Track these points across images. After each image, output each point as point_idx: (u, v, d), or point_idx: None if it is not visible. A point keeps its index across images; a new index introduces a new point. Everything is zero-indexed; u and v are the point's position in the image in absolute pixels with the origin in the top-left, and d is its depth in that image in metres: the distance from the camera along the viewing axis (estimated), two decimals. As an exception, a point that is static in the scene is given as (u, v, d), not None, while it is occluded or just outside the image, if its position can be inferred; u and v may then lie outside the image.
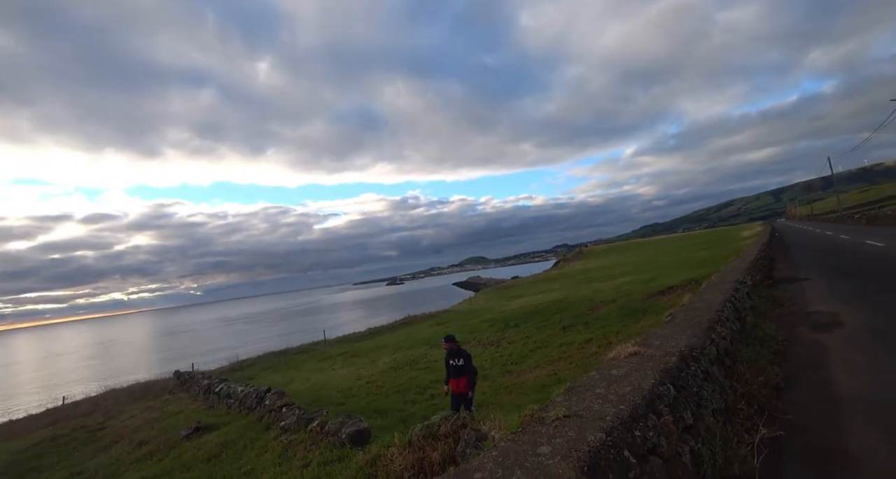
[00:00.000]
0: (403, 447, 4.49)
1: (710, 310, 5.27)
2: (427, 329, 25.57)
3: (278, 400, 9.53)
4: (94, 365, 50.64)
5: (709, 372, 3.56)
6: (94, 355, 68.33)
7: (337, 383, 15.32)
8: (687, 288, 16.79)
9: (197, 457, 8.42)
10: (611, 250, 78.57)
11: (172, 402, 17.19)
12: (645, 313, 14.73)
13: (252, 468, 6.66)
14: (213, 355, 34.38)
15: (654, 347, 3.73)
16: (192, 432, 10.33)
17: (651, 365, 3.12)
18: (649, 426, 2.32)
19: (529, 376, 11.37)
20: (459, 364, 7.25)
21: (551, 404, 2.73)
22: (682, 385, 2.96)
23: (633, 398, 2.50)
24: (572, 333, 15.10)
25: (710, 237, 58.59)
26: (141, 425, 14.09)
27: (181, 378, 20.83)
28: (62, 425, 17.67)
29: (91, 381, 31.94)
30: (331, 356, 22.60)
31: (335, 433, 6.60)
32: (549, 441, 2.14)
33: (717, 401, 3.35)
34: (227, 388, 13.49)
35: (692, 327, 4.44)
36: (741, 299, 6.73)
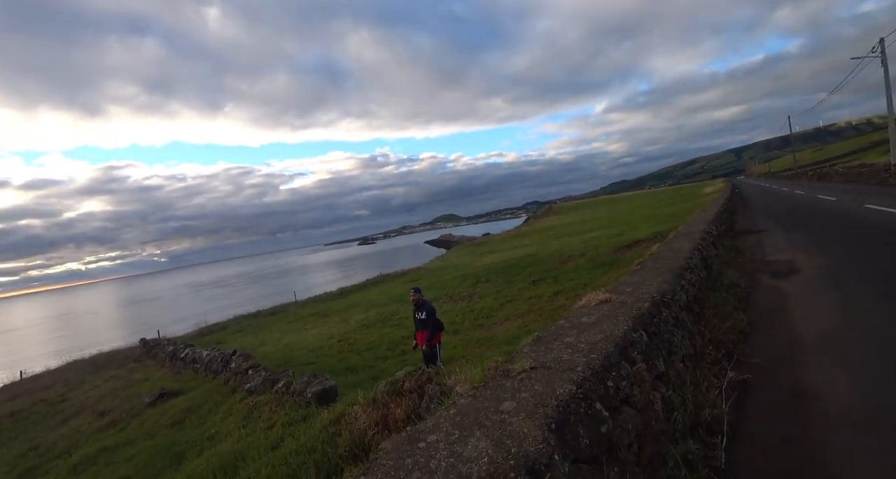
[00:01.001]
0: (367, 405, 4.33)
1: (679, 258, 5.21)
2: (399, 287, 25.54)
3: (244, 363, 9.27)
4: (55, 339, 48.71)
5: (679, 318, 3.46)
6: (54, 328, 65.65)
7: (308, 342, 15.16)
8: (653, 241, 17.17)
9: (160, 423, 8.16)
10: (580, 207, 79.92)
11: (138, 370, 16.68)
12: (613, 265, 15.02)
13: (216, 432, 6.46)
14: (182, 321, 33.52)
15: (625, 294, 3.58)
16: (156, 398, 10.01)
17: (623, 312, 2.96)
18: (622, 375, 2.15)
19: (500, 329, 11.50)
20: (422, 317, 7.16)
21: (517, 355, 2.53)
22: (655, 332, 2.83)
23: (606, 346, 2.32)
24: (542, 286, 15.32)
25: (674, 194, 60.25)
26: (104, 394, 13.64)
27: (147, 346, 20.21)
28: (20, 400, 16.96)
29: (51, 355, 30.73)
30: (302, 317, 22.35)
31: (301, 393, 6.43)
32: (513, 396, 1.93)
33: (686, 347, 3.28)
34: (192, 353, 13.10)
35: (662, 274, 4.34)
36: (708, 248, 6.76)
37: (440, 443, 1.67)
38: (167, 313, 51.23)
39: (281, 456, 4.35)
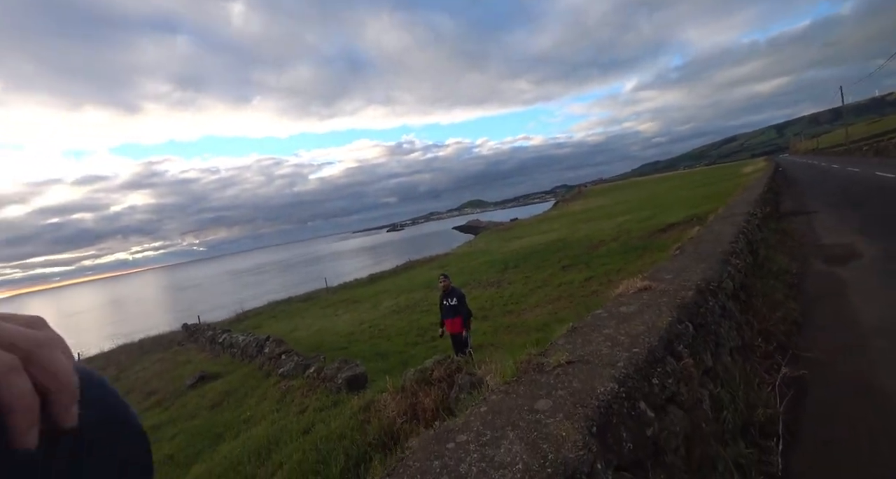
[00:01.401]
0: (396, 393, 4.31)
1: (723, 242, 4.87)
2: (428, 273, 25.63)
3: (277, 348, 9.50)
4: (107, 323, 51.92)
5: (726, 307, 3.21)
6: (106, 314, 70.01)
7: (339, 328, 15.46)
8: (690, 225, 16.46)
9: (201, 405, 8.51)
10: (611, 189, 77.65)
11: (181, 353, 17.50)
12: (646, 250, 14.50)
13: (251, 415, 6.66)
14: (220, 307, 34.92)
15: (665, 281, 3.35)
16: (196, 381, 10.45)
17: (665, 300, 2.75)
18: (668, 372, 1.97)
19: (529, 315, 11.34)
20: (453, 303, 7.11)
21: (552, 347, 2.38)
22: (701, 323, 2.61)
23: (649, 340, 2.14)
24: (572, 272, 14.98)
25: (711, 174, 57.57)
26: (151, 376, 14.39)
27: (189, 330, 21.15)
28: (78, 378, 18.14)
29: (105, 338, 32.72)
30: (333, 303, 22.81)
31: (331, 379, 6.51)
32: (549, 394, 1.80)
33: (734, 339, 3.04)
34: (229, 338, 13.59)
35: (705, 260, 4.05)
36: (753, 232, 6.33)
37: (470, 445, 1.56)
38: (207, 299, 53.57)
39: (312, 441, 4.41)
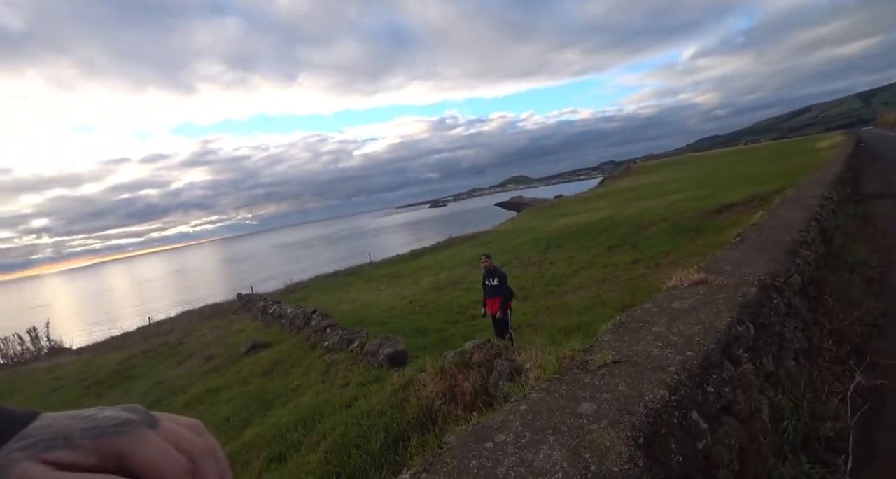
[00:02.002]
0: (436, 374, 4.37)
1: (791, 229, 4.45)
2: (469, 250, 25.65)
3: (323, 321, 9.91)
4: (172, 290, 56.40)
5: (792, 305, 2.94)
6: (172, 281, 75.97)
7: (382, 303, 15.88)
8: (750, 205, 15.32)
9: (253, 372, 9.09)
10: (663, 166, 73.55)
11: (236, 321, 18.71)
12: (699, 232, 13.71)
13: (298, 385, 7.03)
14: (271, 278, 36.82)
15: (724, 273, 3.11)
16: (249, 349, 11.15)
17: (724, 297, 2.55)
18: (725, 379, 1.83)
19: (572, 296, 11.11)
20: (494, 284, 7.08)
21: (597, 343, 2.28)
22: (764, 323, 2.40)
23: (705, 342, 1.98)
24: (618, 253, 14.46)
25: (777, 150, 52.95)
26: (210, 342, 15.52)
27: (243, 300, 22.50)
28: (150, 341, 19.91)
29: (171, 303, 35.57)
30: (376, 278, 23.41)
31: (374, 354, 6.71)
32: (593, 396, 1.71)
33: (800, 340, 2.78)
34: (279, 309, 14.32)
35: (769, 250, 3.72)
36: (827, 217, 5.75)
37: (509, 446, 1.52)
38: (259, 271, 56.65)
39: (354, 416, 4.58)
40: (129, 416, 0.40)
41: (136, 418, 0.40)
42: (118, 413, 0.40)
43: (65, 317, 46.24)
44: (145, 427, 0.40)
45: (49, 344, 22.75)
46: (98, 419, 0.39)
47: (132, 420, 0.40)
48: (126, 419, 0.39)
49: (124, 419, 0.39)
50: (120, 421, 0.39)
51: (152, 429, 0.40)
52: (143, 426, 0.40)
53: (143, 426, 0.40)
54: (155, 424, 0.40)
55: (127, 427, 0.39)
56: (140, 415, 0.40)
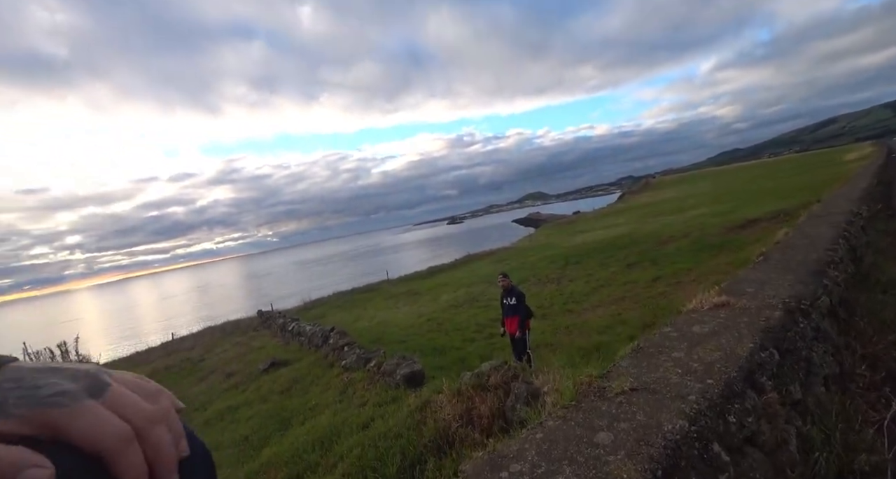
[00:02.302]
0: (453, 395, 4.34)
1: (818, 248, 4.32)
2: (487, 267, 25.55)
3: (340, 339, 9.96)
4: (195, 306, 57.61)
5: (820, 328, 2.84)
6: (195, 297, 77.67)
7: (399, 320, 15.88)
8: (774, 221, 14.93)
9: (272, 390, 9.15)
10: (682, 181, 72.45)
11: (256, 338, 18.93)
12: (721, 249, 13.40)
13: (316, 404, 7.04)
14: (290, 294, 37.27)
15: (746, 295, 3.03)
16: (268, 366, 11.25)
17: (746, 321, 2.49)
18: (747, 409, 1.78)
19: (590, 315, 10.92)
20: (512, 303, 7.02)
21: (615, 369, 2.24)
22: (789, 348, 2.33)
23: (726, 369, 1.94)
24: (638, 270, 14.21)
25: (802, 162, 51.66)
26: (231, 358, 15.71)
27: (263, 317, 22.79)
28: (172, 357, 20.28)
29: (193, 319, 36.30)
30: (394, 295, 23.45)
31: (391, 374, 6.70)
32: (610, 426, 1.69)
33: (830, 365, 2.68)
34: (298, 326, 14.46)
35: (794, 271, 3.62)
36: (856, 234, 5.56)
37: (524, 477, 1.51)
38: (279, 288, 57.44)
39: (371, 437, 4.56)
40: (69, 386, 0.40)
41: (75, 387, 0.40)
42: (61, 382, 0.40)
43: (93, 332, 47.60)
44: (86, 397, 0.40)
45: (77, 358, 23.44)
46: (38, 387, 0.39)
47: (71, 391, 0.40)
48: (65, 390, 0.40)
49: (63, 390, 0.39)
50: (58, 391, 0.39)
51: (95, 398, 0.40)
52: (82, 397, 0.40)
53: (84, 395, 0.40)
54: (100, 392, 0.40)
55: (65, 398, 0.40)
56: (85, 382, 0.40)
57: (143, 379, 0.41)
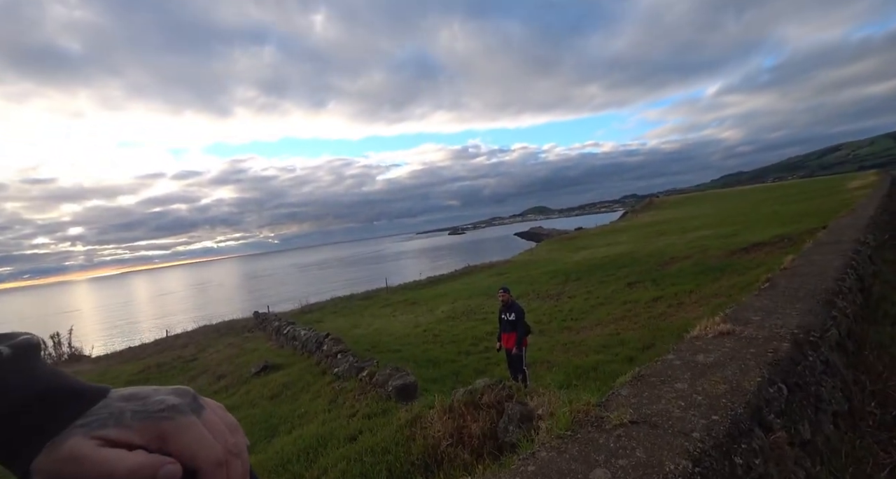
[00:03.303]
0: (444, 412, 4.20)
1: (826, 277, 4.21)
2: (486, 279, 25.43)
3: (334, 346, 9.82)
4: (192, 304, 57.41)
5: (829, 362, 2.73)
6: (192, 295, 77.50)
7: (395, 329, 15.73)
8: (777, 246, 14.82)
9: (262, 394, 8.99)
10: (686, 201, 72.47)
11: (250, 340, 18.76)
12: (724, 272, 13.26)
13: (305, 412, 6.89)
14: (288, 297, 37.13)
15: (752, 324, 2.92)
16: (260, 370, 11.10)
17: (753, 352, 2.38)
18: (755, 449, 1.66)
19: (589, 333, 10.78)
20: (510, 319, 6.88)
21: (614, 397, 2.13)
22: (798, 383, 2.22)
23: (732, 404, 1.83)
24: (639, 289, 14.08)
25: (806, 188, 51.62)
26: (223, 359, 15.54)
27: (258, 319, 22.63)
28: (165, 354, 20.10)
29: (189, 317, 36.12)
30: (392, 303, 23.31)
31: (382, 385, 6.56)
32: (607, 461, 1.57)
33: (838, 401, 2.56)
34: (293, 331, 14.31)
35: (802, 299, 3.51)
36: (864, 264, 5.46)
37: (513, 515, 1.39)
38: (277, 290, 57.30)
39: (357, 451, 4.42)
40: (176, 401, 0.44)
41: (182, 403, 0.43)
42: (167, 398, 0.44)
43: (89, 324, 47.41)
44: (190, 413, 0.43)
45: (70, 350, 23.25)
46: (148, 403, 0.43)
47: (178, 406, 0.43)
48: (173, 405, 0.43)
49: (171, 404, 0.43)
50: (166, 406, 0.43)
51: (196, 416, 0.43)
52: (187, 412, 0.43)
53: (189, 412, 0.43)
54: (199, 411, 0.43)
55: (172, 412, 0.43)
56: (187, 400, 0.44)
57: (224, 410, 0.44)
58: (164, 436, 0.43)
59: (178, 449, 0.43)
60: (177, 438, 0.43)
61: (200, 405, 0.43)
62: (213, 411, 0.44)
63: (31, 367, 0.45)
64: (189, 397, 0.43)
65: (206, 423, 0.43)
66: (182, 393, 0.44)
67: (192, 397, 0.43)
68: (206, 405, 0.44)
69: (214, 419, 0.43)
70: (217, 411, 0.44)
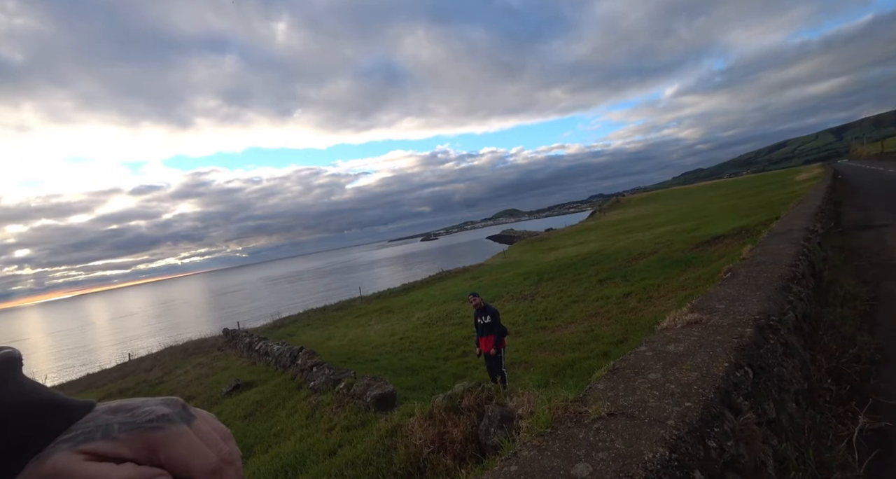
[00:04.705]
0: (424, 419, 4.15)
1: (781, 264, 4.44)
2: (461, 284, 25.47)
3: (309, 359, 9.58)
4: (156, 324, 54.79)
5: (788, 343, 2.86)
6: (156, 315, 73.93)
7: (371, 339, 15.51)
8: (736, 238, 15.53)
9: (234, 414, 8.65)
10: (650, 199, 75.14)
11: (220, 359, 18.06)
12: (689, 264, 13.78)
13: (281, 429, 6.67)
14: (259, 312, 36.04)
15: (718, 312, 3.04)
16: (232, 389, 10.69)
17: (720, 339, 2.47)
18: (726, 432, 1.72)
19: (564, 332, 10.94)
20: (487, 322, 6.88)
21: (591, 392, 2.16)
22: (762, 365, 2.31)
23: (703, 390, 1.88)
24: (610, 286, 14.43)
25: (759, 182, 54.53)
26: (191, 380, 14.89)
27: (228, 336, 21.83)
28: (128, 379, 19.07)
29: (153, 338, 34.44)
30: (367, 313, 23.00)
31: (360, 396, 6.43)
32: (588, 455, 1.59)
33: (798, 381, 2.69)
34: (265, 346, 13.88)
35: (762, 287, 3.68)
36: (814, 250, 5.78)
37: (498, 516, 1.38)
38: (247, 305, 55.47)
39: (337, 465, 4.30)
40: (165, 411, 0.42)
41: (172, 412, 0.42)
42: (156, 408, 0.42)
43: (39, 352, 44.42)
44: (181, 423, 0.42)
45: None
46: (137, 414, 0.42)
47: (168, 415, 0.42)
48: (162, 415, 0.42)
49: (160, 414, 0.42)
50: (156, 416, 0.42)
51: (187, 425, 0.42)
52: (178, 422, 0.42)
53: (179, 421, 0.42)
54: (190, 420, 0.42)
55: (162, 422, 0.42)
56: (177, 409, 0.42)
57: (216, 419, 0.43)
58: (154, 447, 0.42)
59: (169, 460, 0.42)
60: (168, 448, 0.42)
61: (191, 415, 0.42)
62: (205, 420, 0.43)
63: (12, 381, 0.42)
64: (179, 407, 0.42)
65: (197, 432, 0.42)
66: (171, 403, 0.43)
67: (181, 407, 0.42)
68: (197, 414, 0.43)
69: (206, 428, 0.42)
70: (208, 419, 0.43)
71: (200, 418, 0.42)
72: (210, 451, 0.42)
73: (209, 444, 0.42)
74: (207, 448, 0.42)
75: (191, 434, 0.42)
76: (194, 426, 0.42)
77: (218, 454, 0.42)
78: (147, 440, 0.42)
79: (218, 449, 0.42)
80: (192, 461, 0.42)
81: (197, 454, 0.42)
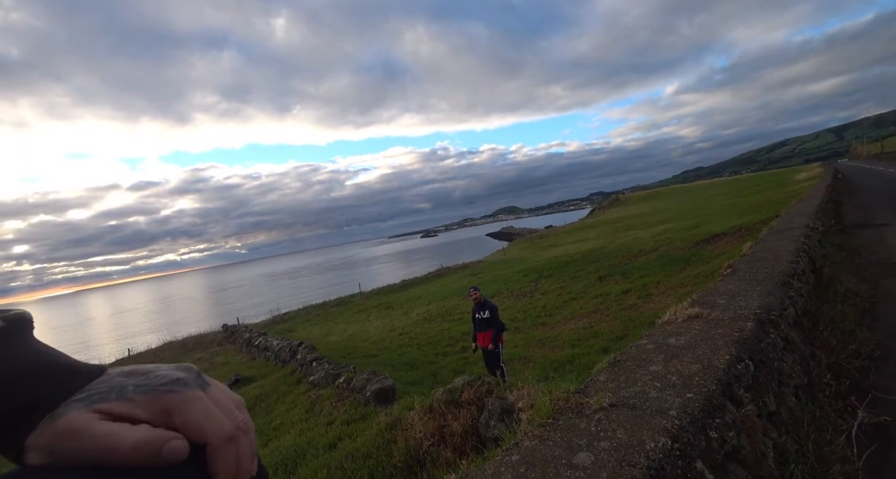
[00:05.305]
0: (424, 412, 4.17)
1: (781, 261, 4.44)
2: (460, 280, 25.50)
3: (309, 354, 9.60)
4: (155, 320, 54.84)
5: (788, 338, 2.87)
6: (155, 310, 74.00)
7: (371, 334, 15.53)
8: (736, 235, 15.54)
9: (234, 409, 8.67)
10: (650, 197, 75.14)
11: (220, 354, 18.10)
12: (689, 262, 13.80)
13: (281, 423, 6.69)
14: (259, 308, 36.07)
15: (718, 307, 3.05)
16: (231, 383, 10.70)
17: (721, 332, 2.47)
18: (728, 423, 1.72)
19: (563, 328, 10.96)
20: (485, 317, 6.89)
21: (592, 383, 2.17)
22: (762, 359, 2.32)
23: (705, 382, 1.89)
24: (609, 283, 14.44)
25: (759, 181, 54.52)
26: (190, 375, 14.92)
27: (228, 331, 21.87)
28: (126, 374, 19.06)
29: (153, 334, 34.46)
30: (366, 309, 23.02)
31: (360, 391, 6.45)
32: (590, 445, 1.59)
33: (798, 375, 2.70)
34: (265, 341, 13.90)
35: (762, 283, 3.69)
36: (814, 248, 5.79)
37: (500, 504, 1.39)
38: (247, 301, 55.53)
39: (337, 458, 4.32)
40: (181, 375, 0.41)
41: (187, 377, 0.41)
42: (171, 372, 0.41)
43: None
44: (196, 388, 0.41)
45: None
46: (151, 377, 0.41)
47: (183, 379, 0.41)
48: (177, 378, 0.41)
49: (176, 378, 0.41)
50: (170, 379, 0.41)
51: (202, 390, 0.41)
52: (194, 387, 0.41)
53: (195, 386, 0.41)
54: (205, 387, 0.41)
55: (178, 386, 0.41)
56: (192, 375, 0.41)
57: (229, 389, 0.42)
58: (169, 410, 0.41)
59: (184, 424, 0.41)
60: (183, 412, 0.41)
61: (206, 382, 0.41)
62: (219, 388, 0.42)
63: (24, 341, 0.42)
64: (194, 373, 0.41)
65: (212, 398, 0.41)
66: (186, 369, 0.42)
67: (196, 374, 0.41)
68: (212, 382, 0.42)
69: (221, 395, 0.41)
70: (223, 388, 0.42)
71: (215, 385, 0.42)
72: (226, 418, 0.41)
73: (224, 411, 0.41)
74: (223, 415, 0.41)
75: (206, 400, 0.41)
76: (209, 393, 0.41)
77: (233, 422, 0.41)
78: (163, 403, 0.41)
79: (233, 417, 0.41)
80: (208, 426, 0.41)
81: (212, 419, 0.41)
